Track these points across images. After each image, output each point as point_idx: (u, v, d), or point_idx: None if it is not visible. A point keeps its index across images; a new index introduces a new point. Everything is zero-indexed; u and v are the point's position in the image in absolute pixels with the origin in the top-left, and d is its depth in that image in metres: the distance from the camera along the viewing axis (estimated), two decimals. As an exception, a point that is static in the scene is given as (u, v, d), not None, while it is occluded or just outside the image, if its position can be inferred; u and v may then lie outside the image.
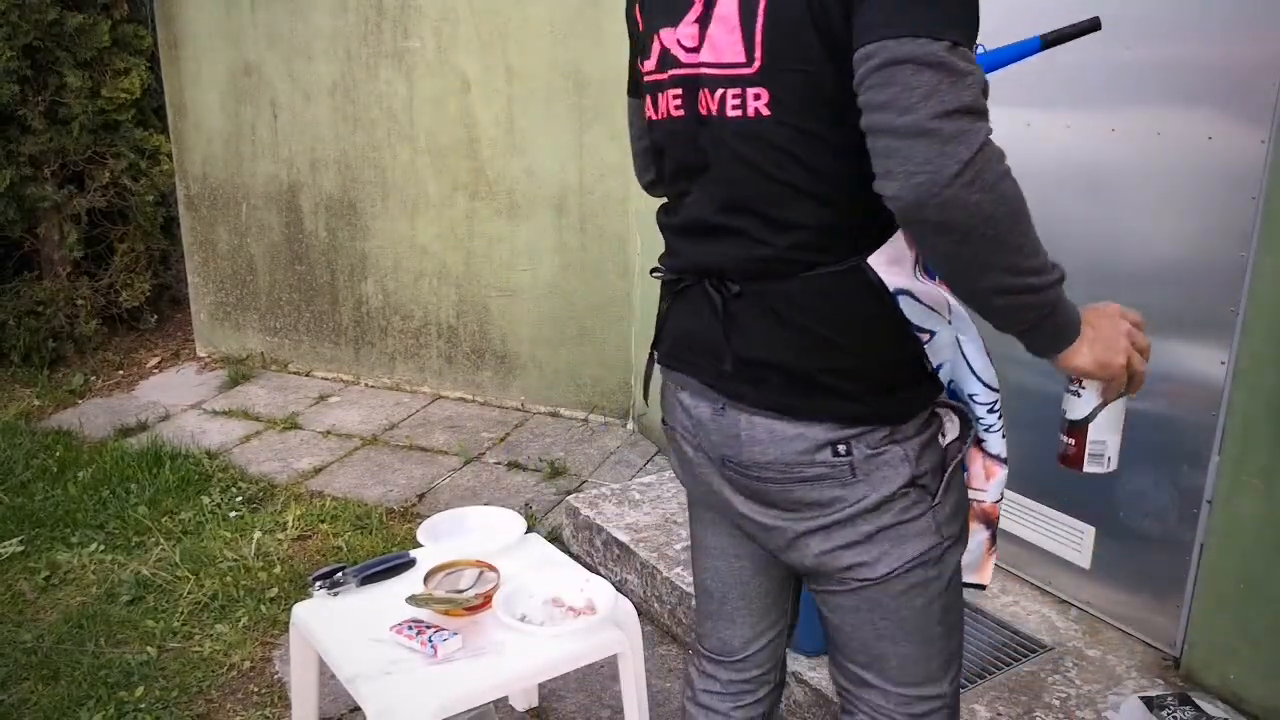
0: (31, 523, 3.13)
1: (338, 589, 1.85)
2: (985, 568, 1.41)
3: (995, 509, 1.38)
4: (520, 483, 3.44)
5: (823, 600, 1.32)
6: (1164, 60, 2.10)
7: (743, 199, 1.17)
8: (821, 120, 1.10)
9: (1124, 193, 2.20)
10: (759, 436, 1.21)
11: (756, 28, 1.10)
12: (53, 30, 4.04)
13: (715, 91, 1.15)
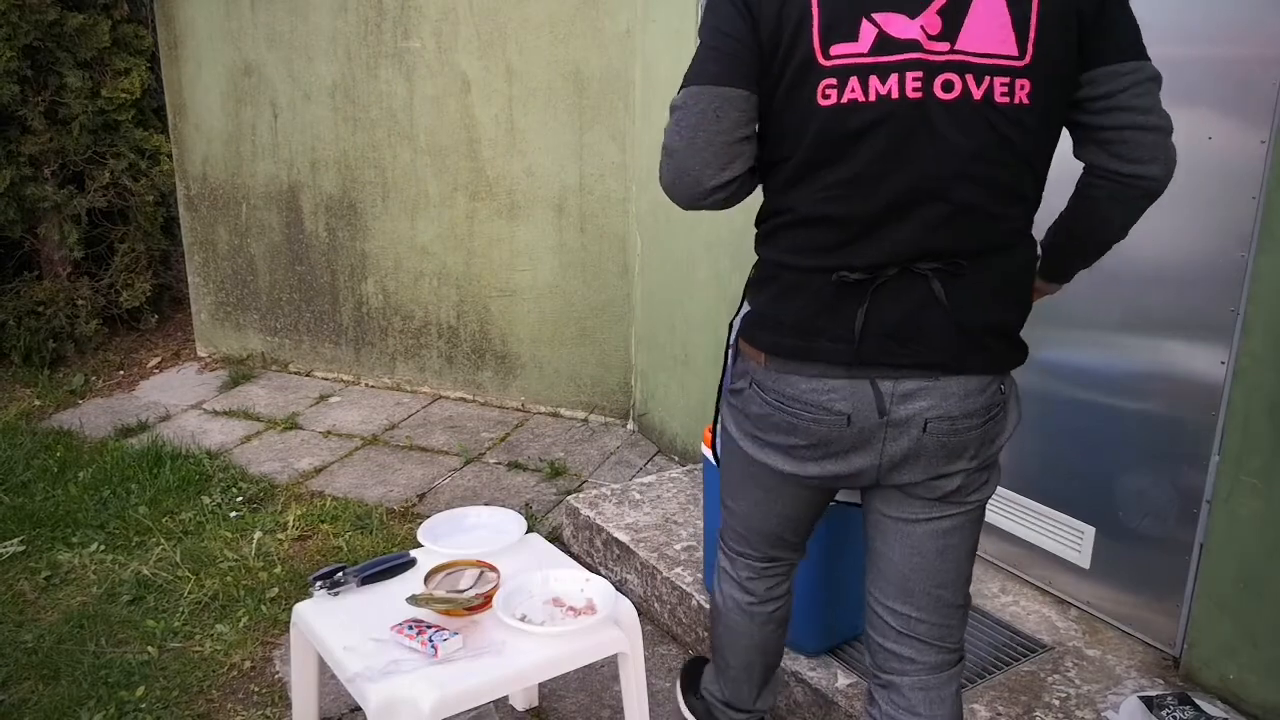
0: (32, 523, 3.13)
1: (338, 589, 1.86)
2: None
3: None
4: (520, 483, 3.44)
5: (929, 531, 1.53)
6: (1164, 59, 2.10)
7: (981, 171, 1.35)
8: (1058, 115, 1.40)
9: (1124, 193, 2.20)
10: (971, 389, 1.44)
11: (1030, 28, 1.32)
12: (53, 30, 4.04)
13: (982, 77, 1.32)
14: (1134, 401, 2.23)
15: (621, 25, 3.42)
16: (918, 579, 1.55)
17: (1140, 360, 2.21)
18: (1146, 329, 2.19)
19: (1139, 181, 1.40)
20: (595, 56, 3.50)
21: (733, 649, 1.87)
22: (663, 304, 3.52)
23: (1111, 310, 2.24)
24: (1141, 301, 2.19)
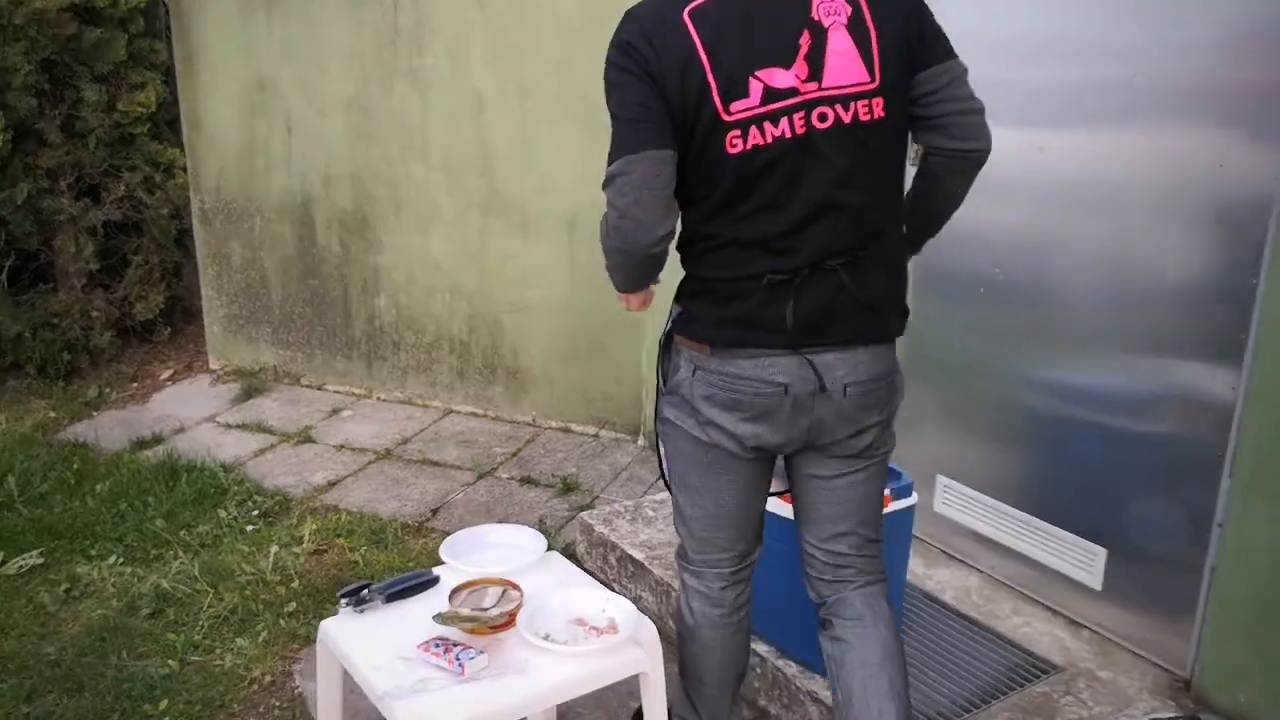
0: (51, 535, 3.16)
1: (364, 606, 1.88)
2: None
3: None
4: (533, 498, 3.47)
5: (849, 483, 1.84)
6: (1177, 87, 2.14)
7: (859, 179, 1.66)
8: (905, 118, 1.71)
9: (1136, 217, 2.24)
10: (876, 356, 1.76)
11: (875, 57, 1.63)
12: (71, 44, 4.08)
13: (848, 104, 1.63)
14: (1146, 424, 2.26)
15: (636, 45, 3.45)
16: (844, 524, 1.87)
17: (1152, 383, 2.24)
18: (1158, 352, 2.23)
19: (970, 154, 1.74)
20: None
21: (708, 668, 2.00)
22: (675, 321, 3.54)
23: (1123, 333, 2.28)
24: (1153, 325, 2.23)
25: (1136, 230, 2.24)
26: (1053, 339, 2.42)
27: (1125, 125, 2.24)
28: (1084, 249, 2.33)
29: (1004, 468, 2.59)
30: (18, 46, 3.93)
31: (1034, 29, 2.41)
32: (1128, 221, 2.25)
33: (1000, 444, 2.60)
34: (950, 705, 2.15)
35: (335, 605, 1.90)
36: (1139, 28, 2.18)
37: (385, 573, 2.95)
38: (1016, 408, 2.52)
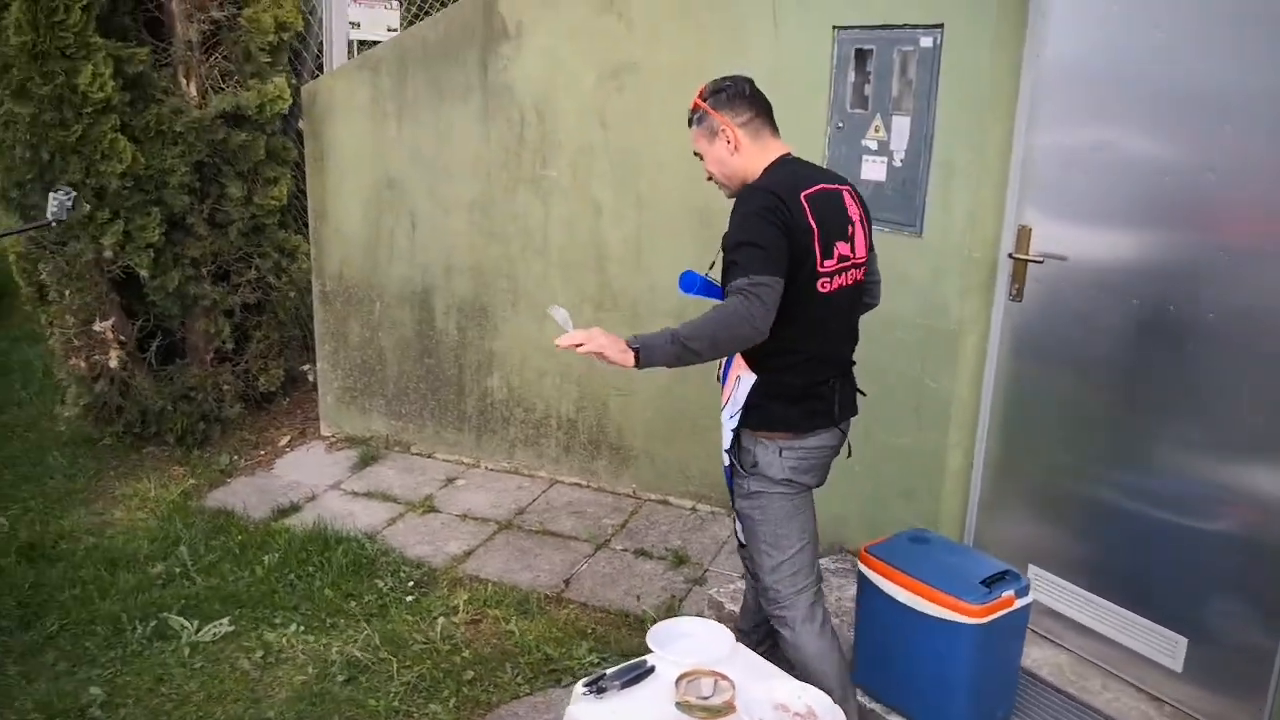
0: (234, 603, 3.55)
1: (603, 694, 2.29)
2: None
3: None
4: (650, 570, 3.87)
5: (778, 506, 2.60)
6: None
7: (854, 322, 2.63)
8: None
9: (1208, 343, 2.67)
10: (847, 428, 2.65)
11: (861, 239, 2.52)
12: (219, 147, 4.51)
13: (858, 270, 2.53)
14: (1220, 523, 2.69)
15: (747, 169, 3.90)
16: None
17: (1226, 486, 2.66)
18: (1234, 453, 2.65)
19: (870, 306, 2.73)
20: (718, 193, 3.97)
21: (837, 672, 2.58)
22: (775, 411, 3.97)
23: (1203, 434, 2.70)
24: (1228, 426, 2.65)
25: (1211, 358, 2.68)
26: (1133, 439, 2.86)
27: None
28: (1167, 362, 2.77)
29: (1091, 558, 3.01)
30: (175, 150, 4.36)
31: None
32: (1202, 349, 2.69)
33: (1087, 537, 3.02)
34: (1064, 773, 2.57)
35: (581, 691, 2.31)
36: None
37: (538, 641, 3.36)
38: (1102, 504, 2.95)
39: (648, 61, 3.99)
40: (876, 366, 3.46)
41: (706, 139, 2.57)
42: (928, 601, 2.57)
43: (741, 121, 2.53)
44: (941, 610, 2.54)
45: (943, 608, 2.53)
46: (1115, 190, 2.83)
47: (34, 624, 3.40)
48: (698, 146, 2.60)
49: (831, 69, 3.50)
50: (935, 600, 2.55)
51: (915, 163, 3.26)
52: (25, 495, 4.34)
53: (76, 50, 4.00)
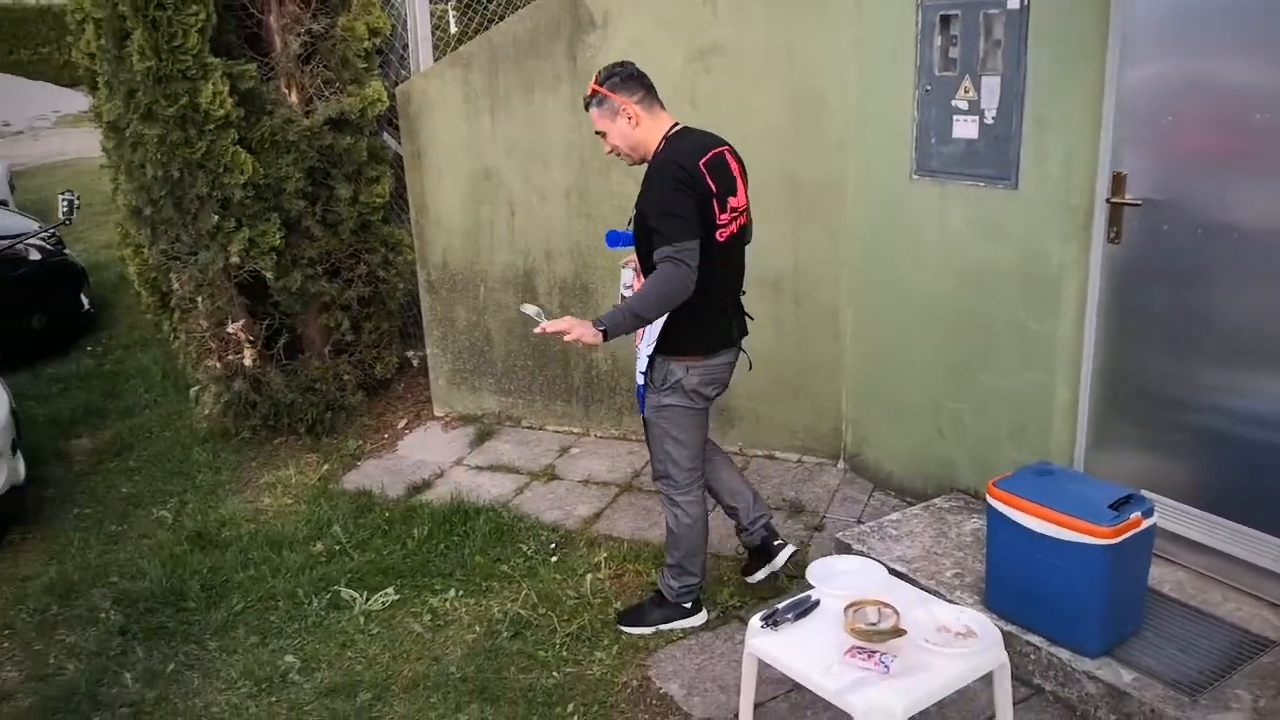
0: (393, 574, 3.85)
1: (779, 625, 2.55)
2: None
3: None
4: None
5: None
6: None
7: (742, 259, 3.25)
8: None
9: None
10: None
11: (742, 190, 3.17)
12: (327, 152, 4.78)
13: (744, 215, 3.17)
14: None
15: (835, 138, 4.10)
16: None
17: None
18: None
19: (747, 242, 3.30)
20: (810, 164, 4.18)
21: (702, 542, 3.35)
22: (875, 364, 4.19)
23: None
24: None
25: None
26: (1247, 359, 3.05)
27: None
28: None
29: (1203, 481, 3.21)
30: (288, 158, 4.63)
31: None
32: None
33: (1198, 461, 3.22)
34: (1197, 675, 2.79)
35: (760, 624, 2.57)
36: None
37: (681, 592, 3.62)
38: (1211, 430, 3.15)
39: (734, 42, 4.19)
40: (980, 314, 3.68)
41: (609, 119, 3.09)
42: (1060, 528, 2.79)
43: (637, 99, 3.08)
44: (1075, 535, 2.76)
45: (1076, 532, 2.75)
46: (1210, 127, 3.00)
47: (220, 604, 3.73)
48: (600, 126, 3.12)
49: (916, 36, 3.68)
50: (1068, 526, 2.77)
51: (1007, 119, 3.44)
52: (178, 489, 4.68)
53: (196, 71, 4.28)
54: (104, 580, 3.94)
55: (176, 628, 3.61)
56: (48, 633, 3.66)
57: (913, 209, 3.84)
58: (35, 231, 6.68)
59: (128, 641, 3.54)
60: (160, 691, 3.29)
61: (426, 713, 3.10)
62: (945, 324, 3.83)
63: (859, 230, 4.12)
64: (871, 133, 3.96)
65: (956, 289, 3.75)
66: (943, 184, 3.70)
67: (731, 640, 3.34)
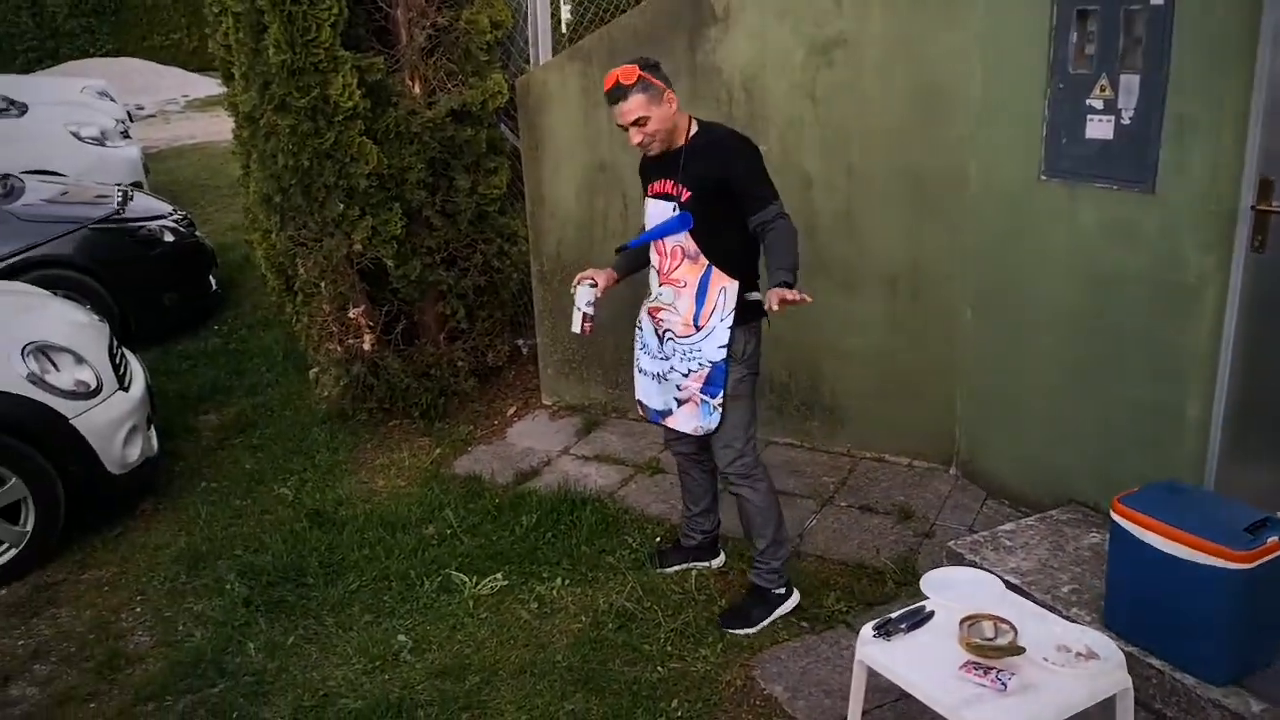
0: (501, 560, 3.93)
1: (891, 636, 2.52)
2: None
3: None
4: (878, 525, 4.06)
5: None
6: None
7: None
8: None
9: None
10: None
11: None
12: (448, 143, 4.87)
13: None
14: None
15: (959, 134, 4.00)
16: None
17: None
18: None
19: None
20: (932, 159, 4.09)
21: (779, 509, 3.48)
22: (993, 368, 4.09)
23: None
24: None
25: None
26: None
27: None
28: None
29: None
30: (411, 149, 4.74)
31: None
32: None
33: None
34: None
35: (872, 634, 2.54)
36: None
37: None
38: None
39: (857, 35, 4.12)
40: (1109, 321, 3.55)
41: (655, 104, 3.18)
42: (1191, 549, 2.68)
43: (672, 86, 3.25)
44: (1205, 557, 2.64)
45: (1208, 555, 2.64)
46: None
47: (336, 581, 3.86)
48: (644, 112, 3.18)
49: (1050, 31, 3.56)
50: (1200, 548, 2.65)
51: (1146, 120, 3.31)
52: (298, 468, 4.85)
53: (327, 64, 4.40)
54: (229, 552, 4.11)
55: (296, 602, 3.75)
56: (177, 600, 3.84)
57: (1040, 210, 3.73)
58: (168, 214, 6.99)
59: (251, 613, 3.69)
60: (281, 663, 3.42)
61: (533, 699, 3.16)
62: (1070, 329, 3.71)
63: (981, 229, 4.01)
64: (997, 130, 3.85)
65: (1084, 294, 3.62)
66: (1073, 186, 3.58)
67: (837, 645, 3.31)
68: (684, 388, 3.38)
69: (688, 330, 3.34)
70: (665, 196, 3.33)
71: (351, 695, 3.23)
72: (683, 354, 3.36)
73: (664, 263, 3.40)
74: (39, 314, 4.67)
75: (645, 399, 3.57)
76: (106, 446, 4.19)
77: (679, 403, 3.42)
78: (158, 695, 3.31)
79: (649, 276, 3.52)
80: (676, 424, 3.46)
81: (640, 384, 3.59)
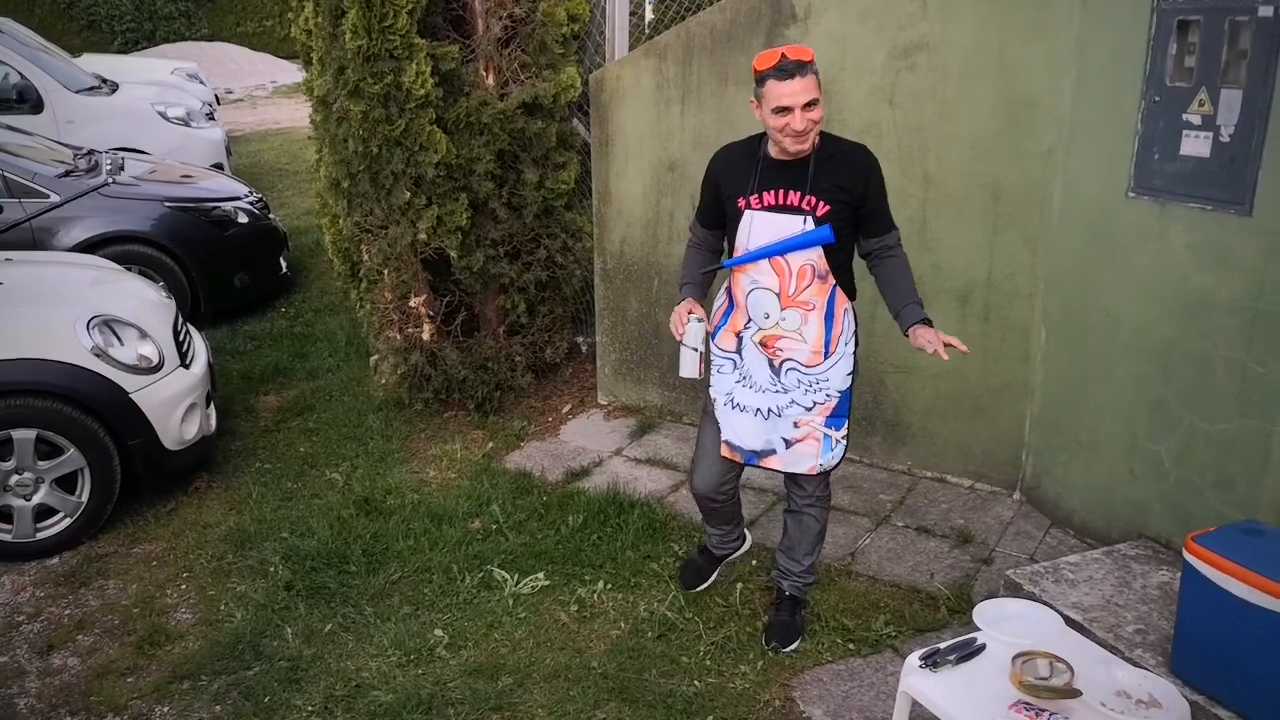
0: (545, 559, 3.86)
1: (939, 667, 2.38)
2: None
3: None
4: (934, 548, 3.91)
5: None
6: None
7: None
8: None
9: None
10: None
11: None
12: (518, 136, 4.83)
13: None
14: None
15: (1044, 145, 3.83)
16: None
17: None
18: None
19: None
20: (1014, 171, 3.92)
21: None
22: (1066, 392, 3.90)
23: None
24: None
25: None
26: None
27: None
28: None
29: None
30: (481, 140, 4.71)
31: None
32: None
33: None
34: None
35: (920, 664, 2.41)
36: None
37: (835, 613, 3.47)
38: None
39: (941, 39, 3.97)
40: (1193, 348, 3.36)
41: (819, 91, 2.91)
42: (1268, 595, 2.50)
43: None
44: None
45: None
46: None
47: (379, 570, 3.83)
48: (818, 94, 2.90)
49: (1148, 41, 3.38)
50: (1276, 593, 2.47)
51: (1246, 138, 3.11)
52: (350, 454, 4.85)
53: (402, 51, 4.39)
54: (276, 535, 4.11)
55: (337, 589, 3.73)
56: (221, 580, 3.85)
57: (1126, 228, 3.54)
58: (244, 195, 7.09)
59: (292, 597, 3.68)
60: (317, 650, 3.40)
61: (565, 705, 3.08)
62: (1151, 355, 3.52)
63: (1062, 246, 3.84)
64: (1085, 143, 3.68)
65: (1168, 319, 3.43)
66: (1163, 204, 3.39)
67: (883, 670, 3.18)
68: (803, 424, 3.10)
69: (816, 359, 3.07)
70: (788, 209, 2.99)
71: (384, 688, 3.19)
72: (808, 385, 3.09)
73: (787, 284, 3.03)
74: (109, 288, 4.74)
75: (738, 440, 3.17)
76: (165, 422, 4.23)
77: (788, 442, 3.12)
78: (194, 674, 3.31)
79: (754, 300, 3.10)
80: (782, 465, 3.15)
81: (735, 422, 3.16)
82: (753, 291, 3.10)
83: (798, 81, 2.85)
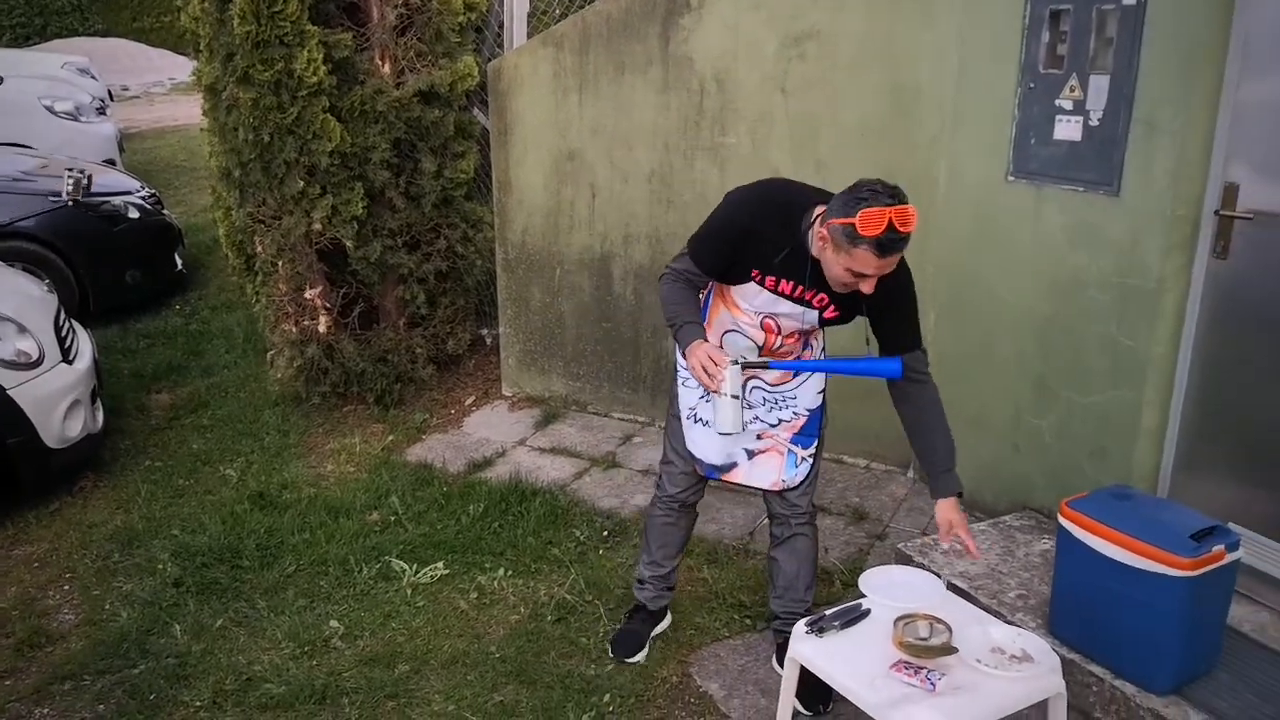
0: (444, 549, 3.83)
1: (824, 633, 2.44)
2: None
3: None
4: (831, 525, 3.99)
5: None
6: None
7: None
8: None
9: None
10: None
11: None
12: (414, 124, 4.79)
13: None
14: None
15: (930, 132, 3.94)
16: None
17: None
18: None
19: None
20: (903, 157, 4.02)
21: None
22: (954, 372, 4.01)
23: None
24: None
25: None
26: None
27: None
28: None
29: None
30: (376, 128, 4.66)
31: None
32: None
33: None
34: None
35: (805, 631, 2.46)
36: None
37: (732, 590, 3.52)
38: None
39: (831, 29, 4.05)
40: (1069, 325, 3.49)
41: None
42: (1135, 555, 2.61)
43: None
44: (1150, 564, 2.57)
45: (1152, 561, 2.57)
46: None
47: (273, 564, 3.75)
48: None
49: (1023, 30, 3.50)
50: (1143, 554, 2.58)
51: (1114, 121, 3.25)
52: (246, 450, 4.75)
53: (293, 38, 4.32)
54: (166, 532, 4.00)
55: (229, 584, 3.64)
56: (106, 579, 3.74)
57: (1006, 212, 3.66)
58: (136, 190, 6.87)
59: (181, 594, 3.59)
60: (206, 645, 3.32)
61: (462, 690, 3.06)
62: (1031, 334, 3.64)
63: (948, 230, 3.95)
64: (967, 130, 3.79)
65: (1046, 298, 3.56)
66: (1040, 187, 3.51)
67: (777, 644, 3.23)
68: (766, 436, 2.98)
69: (783, 379, 2.98)
70: (799, 301, 2.83)
71: (275, 680, 3.13)
72: (774, 402, 2.99)
73: (772, 341, 2.94)
74: (-14, 282, 4.57)
75: (701, 454, 3.03)
76: (45, 419, 4.08)
77: (750, 454, 3.00)
78: (76, 674, 3.20)
79: (731, 340, 2.97)
80: (744, 478, 3.02)
81: (698, 436, 3.02)
82: (731, 333, 2.94)
83: (892, 257, 2.54)
